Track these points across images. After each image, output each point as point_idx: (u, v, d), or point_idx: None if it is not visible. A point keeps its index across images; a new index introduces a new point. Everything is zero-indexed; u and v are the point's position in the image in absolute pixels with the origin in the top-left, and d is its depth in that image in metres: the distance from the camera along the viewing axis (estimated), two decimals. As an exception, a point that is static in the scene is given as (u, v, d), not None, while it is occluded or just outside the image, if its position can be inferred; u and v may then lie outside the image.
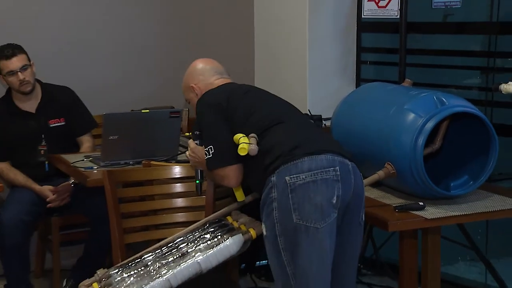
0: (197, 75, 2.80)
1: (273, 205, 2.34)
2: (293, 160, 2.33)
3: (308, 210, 2.29)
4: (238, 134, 2.44)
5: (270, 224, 2.36)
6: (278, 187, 2.33)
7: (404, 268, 2.92)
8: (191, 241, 2.61)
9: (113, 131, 3.37)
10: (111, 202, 2.89)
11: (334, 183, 2.33)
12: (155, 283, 2.48)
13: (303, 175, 2.31)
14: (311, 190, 2.31)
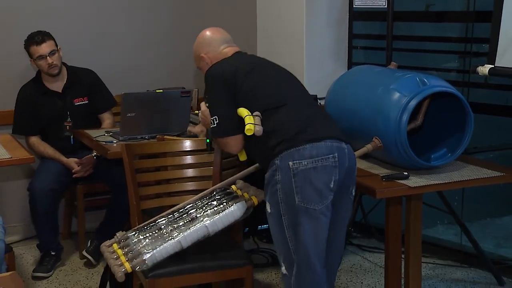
0: (206, 45, 2.69)
1: (277, 186, 2.32)
2: (296, 146, 2.30)
3: (308, 193, 2.29)
4: (242, 110, 2.39)
5: (274, 203, 2.35)
6: (282, 170, 2.30)
7: (390, 231, 2.93)
8: (200, 207, 2.60)
9: (131, 109, 3.37)
10: (129, 172, 2.88)
11: (332, 169, 2.32)
12: (168, 244, 2.49)
13: (305, 161, 2.29)
14: (312, 176, 2.29)
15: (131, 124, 3.39)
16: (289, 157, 2.30)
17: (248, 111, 2.38)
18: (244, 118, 2.36)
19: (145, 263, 2.46)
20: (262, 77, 2.52)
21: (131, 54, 4.33)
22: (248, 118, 2.36)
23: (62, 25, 3.99)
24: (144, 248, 2.48)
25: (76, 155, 3.71)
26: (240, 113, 2.40)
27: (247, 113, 2.38)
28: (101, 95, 3.89)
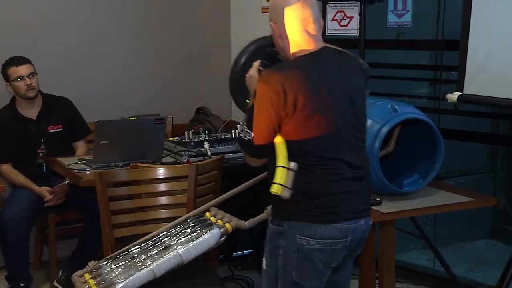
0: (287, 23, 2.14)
1: (279, 251, 2.16)
2: (309, 222, 2.09)
3: (307, 272, 2.15)
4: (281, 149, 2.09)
5: (273, 265, 2.19)
6: (287, 238, 2.13)
7: (364, 256, 2.92)
8: (174, 235, 2.56)
9: (104, 137, 3.32)
10: (102, 200, 2.85)
11: (339, 252, 2.15)
12: (141, 273, 2.44)
13: (313, 241, 2.10)
14: (316, 256, 2.12)
15: (105, 152, 3.34)
16: (298, 229, 2.10)
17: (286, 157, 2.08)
18: (276, 170, 2.09)
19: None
20: (334, 111, 2.10)
21: (105, 81, 4.30)
22: (280, 172, 2.08)
23: (36, 52, 3.95)
24: (117, 277, 2.43)
25: (49, 183, 3.65)
26: (277, 147, 2.10)
27: (281, 162, 2.08)
28: (75, 123, 3.85)
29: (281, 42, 2.17)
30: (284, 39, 2.15)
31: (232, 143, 3.63)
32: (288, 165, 2.07)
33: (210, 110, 4.24)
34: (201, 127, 3.85)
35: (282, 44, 2.17)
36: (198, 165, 3.01)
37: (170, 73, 4.53)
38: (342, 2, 3.96)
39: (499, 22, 3.17)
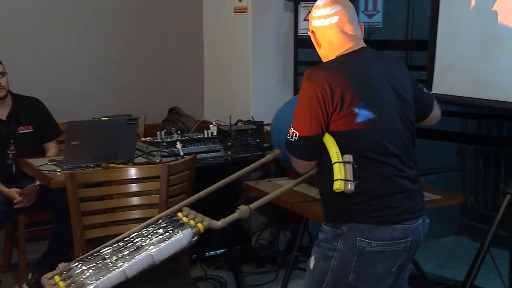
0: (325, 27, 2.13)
1: (333, 254, 2.06)
2: (369, 223, 2.02)
3: (366, 276, 2.06)
4: (332, 146, 2.02)
5: (322, 267, 2.10)
6: (346, 241, 2.04)
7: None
8: (145, 236, 2.53)
9: (75, 137, 3.28)
10: (72, 201, 2.81)
11: (400, 254, 2.07)
12: (112, 274, 2.39)
13: (374, 243, 2.02)
14: (377, 259, 2.04)
15: (76, 153, 3.30)
16: (358, 231, 2.03)
17: (339, 152, 2.01)
18: (333, 166, 2.00)
19: (89, 295, 2.38)
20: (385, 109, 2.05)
21: (77, 82, 4.25)
22: (337, 167, 1.99)
23: (6, 52, 3.88)
24: (88, 279, 2.38)
25: (19, 184, 3.59)
26: (327, 144, 2.04)
27: (336, 158, 2.00)
28: (46, 124, 3.80)
29: (322, 49, 2.17)
30: (324, 44, 2.15)
31: (204, 143, 3.61)
32: (343, 159, 2.00)
33: (182, 110, 4.22)
34: (174, 127, 3.83)
35: (323, 50, 2.16)
36: (170, 165, 2.98)
37: (143, 73, 4.50)
38: (313, 3, 3.94)
39: (466, 22, 3.19)
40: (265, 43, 4.29)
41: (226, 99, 4.51)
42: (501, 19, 3.08)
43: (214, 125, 3.83)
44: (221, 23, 4.48)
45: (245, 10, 4.23)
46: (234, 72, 4.42)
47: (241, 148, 3.71)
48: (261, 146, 3.74)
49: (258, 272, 4.00)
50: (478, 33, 3.12)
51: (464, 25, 3.17)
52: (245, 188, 3.02)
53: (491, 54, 2.99)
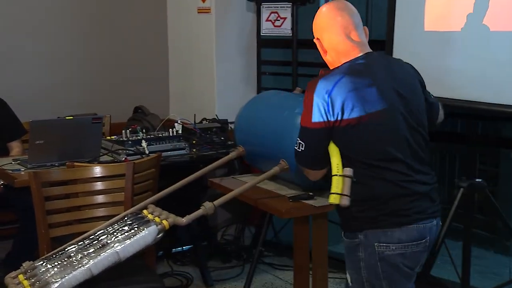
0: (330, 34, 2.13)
1: (360, 265, 2.07)
2: (382, 228, 2.02)
3: (397, 279, 2.06)
4: (335, 156, 2.03)
5: (357, 279, 2.10)
6: (366, 249, 2.05)
7: (298, 248, 2.94)
8: (111, 233, 2.51)
9: (40, 136, 3.24)
10: (37, 200, 2.77)
11: (422, 254, 2.08)
12: (77, 272, 2.37)
13: (393, 246, 2.02)
14: (400, 261, 2.04)
15: (40, 152, 3.26)
16: (374, 237, 2.03)
17: (339, 164, 2.02)
18: (332, 179, 2.02)
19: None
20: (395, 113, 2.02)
21: (42, 81, 4.21)
22: (335, 181, 2.01)
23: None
24: (53, 277, 2.36)
25: (-18, 184, 3.53)
26: (331, 155, 2.04)
27: (336, 171, 2.01)
28: (9, 123, 3.74)
29: (328, 56, 2.16)
30: (330, 51, 2.14)
31: (169, 141, 3.61)
32: (343, 172, 2.01)
33: (148, 109, 4.20)
34: (139, 126, 3.81)
35: (330, 57, 2.15)
36: (136, 163, 2.97)
37: (108, 72, 4.46)
38: (275, 3, 3.99)
39: (420, 24, 3.25)
40: (229, 43, 4.30)
41: (191, 98, 4.50)
42: (453, 20, 3.14)
43: (179, 124, 3.83)
44: (185, 23, 4.48)
45: (209, 11, 4.23)
46: (199, 71, 4.42)
47: (206, 146, 3.72)
48: (226, 144, 3.75)
49: (224, 267, 4.01)
50: (431, 33, 3.18)
51: (419, 26, 3.23)
52: (210, 185, 3.02)
53: (444, 54, 3.05)
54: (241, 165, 3.95)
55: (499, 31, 2.92)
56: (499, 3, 2.88)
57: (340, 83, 2.02)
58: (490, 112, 3.06)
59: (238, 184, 2.76)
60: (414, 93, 2.13)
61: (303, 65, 4.06)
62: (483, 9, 2.96)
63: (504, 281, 3.41)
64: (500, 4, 2.87)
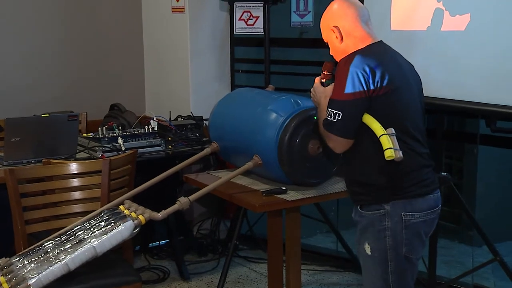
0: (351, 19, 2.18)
1: (386, 233, 2.13)
2: (408, 198, 2.12)
3: (415, 246, 2.16)
4: (375, 123, 2.07)
5: (380, 249, 2.15)
6: (392, 218, 2.12)
7: (271, 242, 2.96)
8: (88, 229, 2.49)
9: (15, 134, 3.19)
10: (13, 197, 2.73)
11: (435, 220, 2.21)
12: (54, 267, 2.35)
13: (417, 214, 2.13)
14: (421, 229, 2.16)
15: (16, 149, 3.20)
16: (400, 207, 2.12)
17: (382, 127, 2.07)
18: (380, 138, 2.05)
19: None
20: (407, 94, 2.15)
21: (17, 78, 4.12)
22: (385, 139, 2.05)
23: None
24: (29, 273, 2.33)
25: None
26: (368, 122, 2.09)
27: (382, 131, 2.06)
28: None
29: (343, 43, 2.20)
30: (348, 38, 2.18)
31: (145, 138, 3.58)
32: (387, 131, 2.06)
33: (124, 106, 4.15)
34: (115, 123, 3.78)
35: (344, 45, 2.19)
36: (112, 159, 2.94)
37: (85, 70, 4.40)
38: (248, 3, 3.98)
39: (386, 22, 3.27)
40: (202, 41, 4.27)
41: (166, 96, 4.47)
42: (417, 20, 3.17)
43: (155, 121, 3.81)
44: (160, 22, 4.44)
45: (182, 10, 4.20)
46: (173, 69, 4.39)
47: (181, 142, 3.70)
48: (200, 140, 3.73)
49: (200, 260, 4.00)
50: (395, 32, 3.20)
51: (385, 25, 3.25)
52: (185, 181, 3.01)
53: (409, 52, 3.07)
54: (216, 161, 3.95)
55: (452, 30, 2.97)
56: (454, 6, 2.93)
57: (376, 57, 2.11)
58: (454, 108, 3.09)
59: (213, 180, 2.77)
60: (415, 81, 2.24)
61: (275, 63, 4.06)
62: (440, 12, 3.00)
63: (467, 269, 3.45)
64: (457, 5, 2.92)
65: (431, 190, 2.17)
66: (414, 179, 2.13)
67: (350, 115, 2.08)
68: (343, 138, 2.11)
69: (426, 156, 2.18)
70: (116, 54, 4.51)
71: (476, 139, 3.56)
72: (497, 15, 2.85)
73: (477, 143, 3.58)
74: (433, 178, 2.19)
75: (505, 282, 3.21)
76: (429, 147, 2.22)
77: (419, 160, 2.15)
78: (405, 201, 2.12)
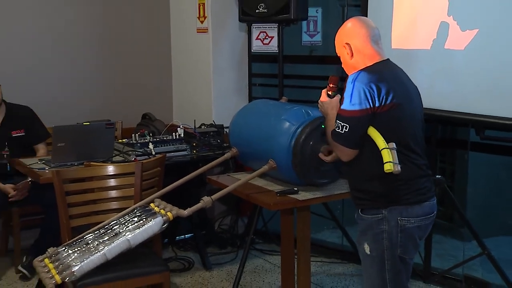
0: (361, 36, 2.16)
1: (383, 236, 2.12)
2: (406, 204, 2.09)
3: (410, 248, 2.15)
4: (378, 136, 2.05)
5: (378, 249, 2.14)
6: (389, 222, 2.10)
7: (284, 237, 2.95)
8: (123, 223, 2.53)
9: (61, 140, 3.25)
10: (59, 195, 2.77)
11: (429, 226, 2.18)
12: (94, 257, 2.40)
13: (412, 219, 2.10)
14: (416, 233, 2.13)
15: (62, 153, 3.26)
16: (397, 213, 2.09)
17: (384, 141, 2.04)
18: (381, 151, 2.03)
19: (74, 274, 2.36)
20: (409, 110, 2.11)
21: (63, 91, 4.19)
22: (386, 153, 2.02)
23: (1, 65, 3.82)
24: (73, 261, 2.38)
25: (13, 181, 3.51)
26: (373, 135, 2.07)
27: (384, 145, 2.03)
28: (36, 128, 3.73)
29: (353, 59, 2.17)
30: (357, 55, 2.16)
31: (173, 143, 3.61)
32: (388, 145, 2.04)
33: (154, 115, 4.20)
34: (147, 130, 3.81)
35: (354, 61, 2.17)
36: (143, 163, 2.97)
37: (121, 84, 4.47)
38: (264, 24, 4.00)
39: (389, 40, 3.28)
40: (223, 58, 4.30)
41: (191, 106, 4.50)
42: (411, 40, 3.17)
43: (181, 128, 3.83)
44: (186, 41, 4.48)
45: (206, 31, 4.24)
46: (198, 82, 4.42)
47: (204, 147, 3.72)
48: (221, 146, 3.75)
49: (220, 252, 4.01)
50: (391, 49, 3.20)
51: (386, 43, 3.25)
52: (208, 182, 3.03)
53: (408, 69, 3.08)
54: (235, 164, 3.96)
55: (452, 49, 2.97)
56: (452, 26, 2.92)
57: (382, 75, 2.08)
58: (448, 118, 3.09)
59: (232, 181, 2.77)
60: (416, 96, 2.21)
61: (288, 78, 4.07)
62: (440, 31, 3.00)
63: (459, 261, 3.44)
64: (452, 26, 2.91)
65: (427, 198, 2.14)
66: (411, 187, 2.10)
67: (356, 129, 2.06)
68: (348, 148, 2.10)
69: (424, 167, 2.14)
70: (147, 70, 4.56)
71: (467, 145, 3.55)
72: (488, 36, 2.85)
73: (468, 149, 3.57)
74: (429, 187, 2.15)
75: (492, 273, 3.19)
76: (425, 152, 2.21)
77: (417, 171, 2.11)
78: (402, 207, 2.10)
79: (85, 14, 4.26)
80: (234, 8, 4.17)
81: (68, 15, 4.19)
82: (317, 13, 4.12)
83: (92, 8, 4.29)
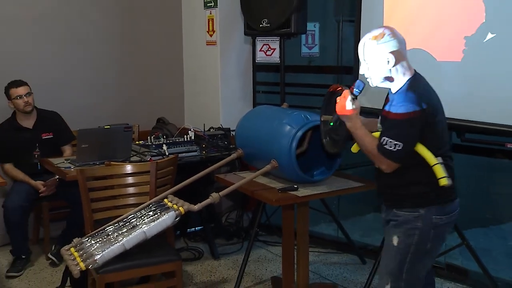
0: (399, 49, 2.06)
1: (415, 232, 2.08)
2: (441, 204, 2.07)
3: (438, 243, 2.14)
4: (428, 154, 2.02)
5: (406, 242, 2.10)
6: (424, 221, 2.07)
7: (285, 229, 2.95)
8: (139, 217, 2.55)
9: (85, 141, 3.28)
10: (83, 191, 2.80)
11: (454, 222, 2.16)
12: (114, 247, 2.42)
13: (444, 217, 2.08)
14: (445, 230, 2.13)
15: (85, 153, 3.29)
16: (433, 212, 2.07)
17: (433, 156, 2.02)
18: (433, 167, 2.02)
19: (96, 262, 2.39)
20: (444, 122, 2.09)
21: (86, 98, 4.22)
22: (438, 168, 2.02)
23: (30, 77, 3.82)
24: (96, 250, 2.41)
25: (42, 178, 3.56)
26: (421, 152, 2.02)
27: (435, 160, 2.02)
28: (63, 131, 3.77)
29: (394, 68, 2.08)
30: (398, 66, 2.07)
31: (184, 145, 3.63)
32: (438, 160, 2.03)
33: (167, 119, 4.22)
34: (161, 133, 3.84)
35: (394, 70, 2.08)
36: (158, 162, 2.99)
37: (137, 91, 4.49)
38: (267, 37, 4.02)
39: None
40: (230, 68, 4.31)
41: (201, 111, 4.52)
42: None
43: (192, 131, 3.84)
44: (197, 53, 4.49)
45: (215, 43, 4.25)
46: (207, 90, 4.43)
47: (213, 149, 3.73)
48: (228, 147, 3.76)
49: (227, 243, 4.02)
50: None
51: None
52: (216, 180, 3.04)
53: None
54: (240, 164, 3.98)
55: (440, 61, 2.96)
56: (446, 37, 2.91)
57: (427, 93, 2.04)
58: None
59: (238, 179, 2.78)
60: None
61: (289, 85, 4.08)
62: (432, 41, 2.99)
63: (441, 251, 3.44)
64: (448, 37, 2.90)
65: (455, 196, 2.14)
66: (448, 189, 2.08)
67: (411, 148, 2.01)
68: (395, 164, 2.06)
69: (453, 169, 2.14)
70: (162, 78, 4.58)
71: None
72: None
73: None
74: (454, 187, 2.14)
75: (470, 261, 3.20)
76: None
77: (451, 173, 2.11)
78: (438, 206, 2.08)
79: (105, 29, 4.28)
80: (240, 23, 4.19)
81: (90, 30, 4.22)
82: (315, 27, 4.14)
83: (112, 22, 4.31)
